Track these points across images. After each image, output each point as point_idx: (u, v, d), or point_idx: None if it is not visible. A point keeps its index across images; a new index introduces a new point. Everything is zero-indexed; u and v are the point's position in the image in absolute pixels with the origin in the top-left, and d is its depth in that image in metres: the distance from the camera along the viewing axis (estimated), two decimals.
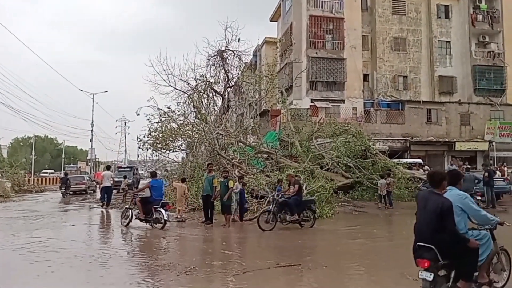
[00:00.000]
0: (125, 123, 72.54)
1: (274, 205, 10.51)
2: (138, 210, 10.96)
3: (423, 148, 26.78)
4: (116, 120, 75.12)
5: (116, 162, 70.93)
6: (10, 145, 78.42)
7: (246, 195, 12.62)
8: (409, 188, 17.58)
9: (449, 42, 30.65)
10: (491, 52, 29.91)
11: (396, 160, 20.29)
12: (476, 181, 14.32)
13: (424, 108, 27.76)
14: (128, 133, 73.40)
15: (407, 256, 7.35)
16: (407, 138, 26.43)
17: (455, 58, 30.52)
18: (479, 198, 13.90)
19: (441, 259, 3.82)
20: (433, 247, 3.83)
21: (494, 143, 26.55)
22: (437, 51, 30.37)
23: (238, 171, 16.32)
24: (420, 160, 23.45)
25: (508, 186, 17.45)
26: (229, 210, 11.37)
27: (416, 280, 5.63)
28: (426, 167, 22.22)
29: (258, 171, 16.74)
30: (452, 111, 28.13)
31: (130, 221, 11.11)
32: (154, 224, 10.66)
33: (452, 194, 4.10)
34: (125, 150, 73.74)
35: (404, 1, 30.08)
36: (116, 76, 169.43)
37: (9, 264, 7.12)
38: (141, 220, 10.90)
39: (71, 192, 24.06)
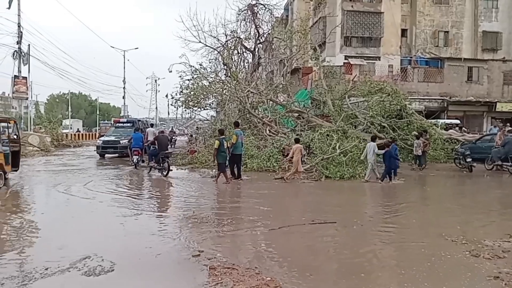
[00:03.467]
0: (155, 80, 73.32)
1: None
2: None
3: (462, 108, 25.65)
4: (147, 78, 76.07)
5: (147, 119, 72.53)
6: (47, 102, 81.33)
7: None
8: (446, 150, 17.06)
9: None
10: None
11: (433, 121, 19.59)
12: None
13: (465, 66, 26.27)
14: (159, 91, 74.43)
15: (444, 218, 7.28)
16: (445, 98, 25.31)
17: (501, 12, 28.29)
18: None
19: None
20: None
21: None
22: (482, 4, 28.21)
23: (269, 130, 16.28)
24: (458, 121, 22.56)
25: None
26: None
27: (455, 241, 5.59)
28: (464, 128, 21.41)
29: (289, 130, 16.63)
30: (495, 69, 26.48)
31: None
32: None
33: None
34: (156, 108, 75.11)
35: None
36: (147, 33, 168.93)
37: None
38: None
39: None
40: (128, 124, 21.82)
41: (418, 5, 27.52)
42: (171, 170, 13.26)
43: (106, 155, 20.07)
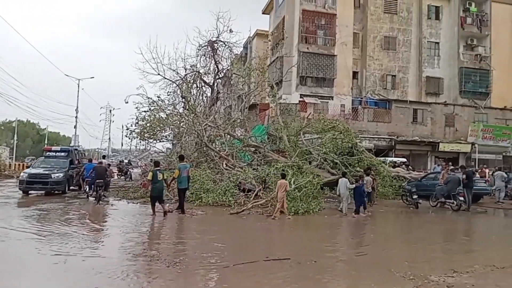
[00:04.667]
0: (110, 110, 71.59)
1: None
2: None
3: (408, 147, 27.17)
4: (101, 107, 74.19)
5: (99, 150, 69.93)
6: None
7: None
8: (393, 187, 17.82)
9: (438, 43, 31.03)
10: (478, 55, 30.42)
11: (381, 158, 20.54)
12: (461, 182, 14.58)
13: (411, 108, 28.14)
14: (113, 121, 72.56)
15: (394, 254, 7.54)
16: (393, 137, 26.78)
17: (443, 60, 30.94)
18: (461, 199, 14.12)
19: None
20: None
21: (476, 145, 27.14)
22: (426, 52, 30.73)
23: (225, 164, 16.29)
24: (404, 159, 23.80)
25: (489, 188, 17.85)
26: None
27: (403, 277, 5.77)
28: (410, 166, 22.63)
29: (245, 164, 16.73)
30: (437, 112, 28.59)
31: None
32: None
33: None
34: (109, 138, 72.87)
35: (396, 0, 30.27)
36: (104, 63, 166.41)
37: None
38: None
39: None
40: (62, 154, 18.33)
41: (368, 50, 29.49)
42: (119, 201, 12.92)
43: (32, 192, 16.30)
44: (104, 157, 21.59)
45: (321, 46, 27.40)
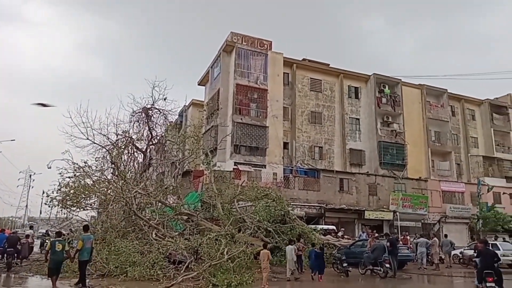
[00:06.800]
0: (30, 175, 65.92)
1: None
2: None
3: (337, 215, 28.24)
4: (20, 172, 68.10)
5: (13, 219, 62.70)
6: None
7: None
8: (325, 255, 18.01)
9: (358, 119, 34.17)
10: (394, 131, 33.88)
11: (313, 226, 20.99)
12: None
13: (337, 177, 29.78)
14: (32, 187, 66.47)
15: None
16: (322, 205, 27.77)
17: (363, 134, 33.90)
18: (387, 266, 14.70)
19: None
20: None
21: (398, 213, 29.06)
22: (348, 126, 33.53)
23: (155, 233, 15.47)
24: (333, 227, 24.56)
25: (412, 254, 18.85)
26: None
27: None
28: (341, 233, 23.36)
29: (177, 233, 16.04)
30: (361, 181, 30.56)
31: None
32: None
33: None
34: (26, 205, 66.17)
35: (321, 80, 33.38)
36: (27, 126, 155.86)
37: None
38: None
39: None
40: None
41: (297, 123, 31.44)
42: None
43: None
44: (31, 227, 20.76)
45: (254, 118, 28.69)
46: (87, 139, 20.75)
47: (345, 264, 15.01)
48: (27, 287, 11.39)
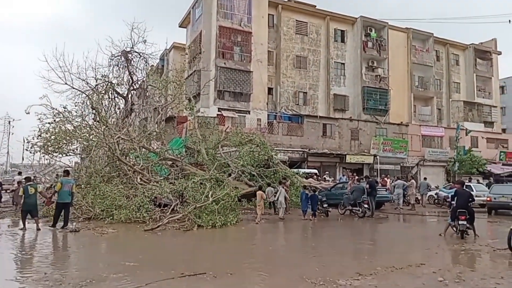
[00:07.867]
0: (9, 122, 64.40)
1: None
2: None
3: (319, 159, 28.87)
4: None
5: None
6: None
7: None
8: None
9: (343, 64, 33.82)
10: (378, 76, 33.80)
11: (295, 170, 21.51)
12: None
13: (321, 123, 30.05)
14: (12, 133, 65.19)
15: (306, 261, 7.89)
16: (305, 150, 28.26)
17: (348, 79, 33.75)
18: (366, 206, 15.41)
19: None
20: None
21: (378, 157, 29.87)
22: (333, 72, 33.24)
23: (140, 178, 15.61)
24: (315, 171, 25.20)
25: (390, 196, 19.73)
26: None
27: (314, 283, 6.07)
28: (326, 177, 24.10)
29: (161, 178, 16.22)
30: (344, 126, 30.95)
31: None
32: None
33: None
34: (8, 152, 65.38)
35: (307, 23, 32.39)
36: (3, 71, 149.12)
37: None
38: None
39: None
40: None
41: (282, 68, 30.96)
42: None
43: None
44: (20, 173, 21.55)
45: (238, 62, 28.04)
46: (65, 83, 20.10)
47: (325, 205, 15.63)
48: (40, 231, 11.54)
